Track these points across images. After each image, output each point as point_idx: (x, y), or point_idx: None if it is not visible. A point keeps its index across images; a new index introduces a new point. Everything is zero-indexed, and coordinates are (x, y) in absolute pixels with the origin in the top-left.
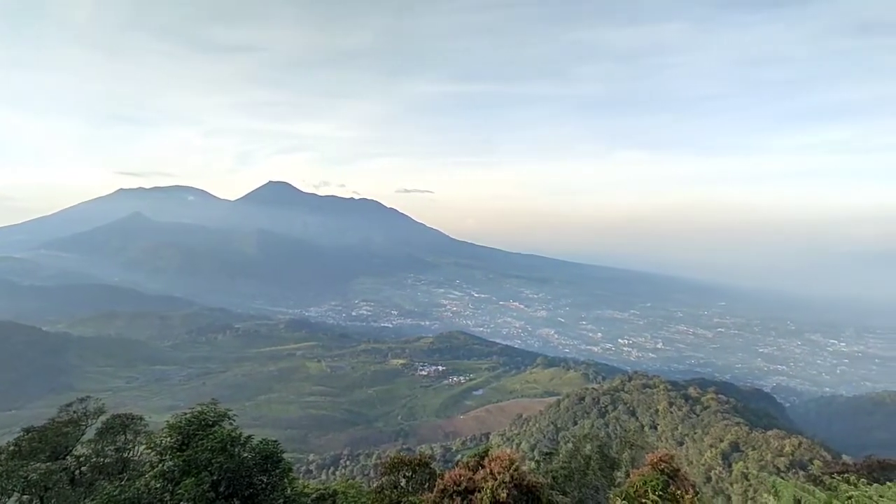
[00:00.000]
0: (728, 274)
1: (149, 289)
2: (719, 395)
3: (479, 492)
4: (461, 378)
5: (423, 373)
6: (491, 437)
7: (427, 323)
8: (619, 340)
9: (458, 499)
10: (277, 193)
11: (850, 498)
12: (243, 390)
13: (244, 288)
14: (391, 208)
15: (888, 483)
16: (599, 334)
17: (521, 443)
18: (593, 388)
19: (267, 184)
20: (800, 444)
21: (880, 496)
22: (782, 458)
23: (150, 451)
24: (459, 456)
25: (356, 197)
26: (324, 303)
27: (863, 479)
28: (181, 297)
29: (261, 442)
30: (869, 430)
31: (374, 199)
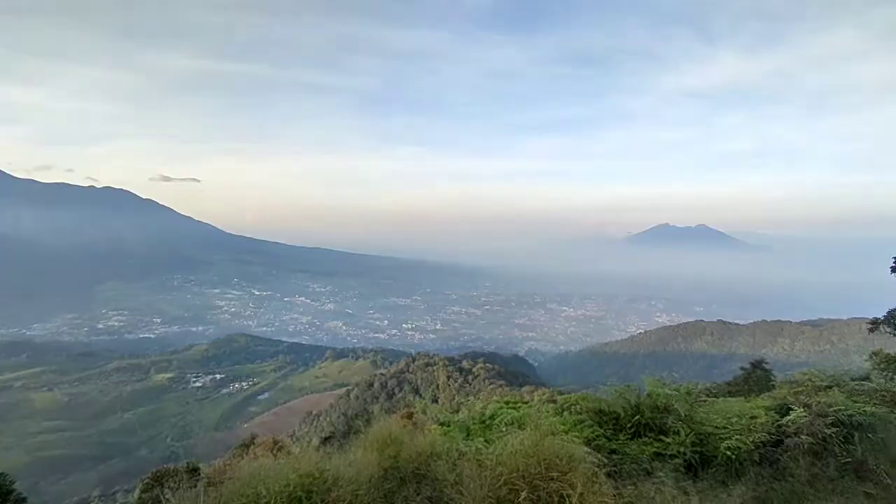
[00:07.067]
0: (493, 258)
1: None
2: (487, 364)
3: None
4: (243, 384)
5: (198, 384)
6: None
7: (200, 328)
8: (404, 325)
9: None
10: None
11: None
12: None
13: None
14: (148, 199)
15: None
16: (385, 321)
17: (311, 440)
18: (381, 374)
19: None
20: (543, 393)
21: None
22: None
23: None
24: None
25: (97, 185)
26: (55, 317)
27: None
28: None
29: None
30: (588, 374)
31: (123, 187)
